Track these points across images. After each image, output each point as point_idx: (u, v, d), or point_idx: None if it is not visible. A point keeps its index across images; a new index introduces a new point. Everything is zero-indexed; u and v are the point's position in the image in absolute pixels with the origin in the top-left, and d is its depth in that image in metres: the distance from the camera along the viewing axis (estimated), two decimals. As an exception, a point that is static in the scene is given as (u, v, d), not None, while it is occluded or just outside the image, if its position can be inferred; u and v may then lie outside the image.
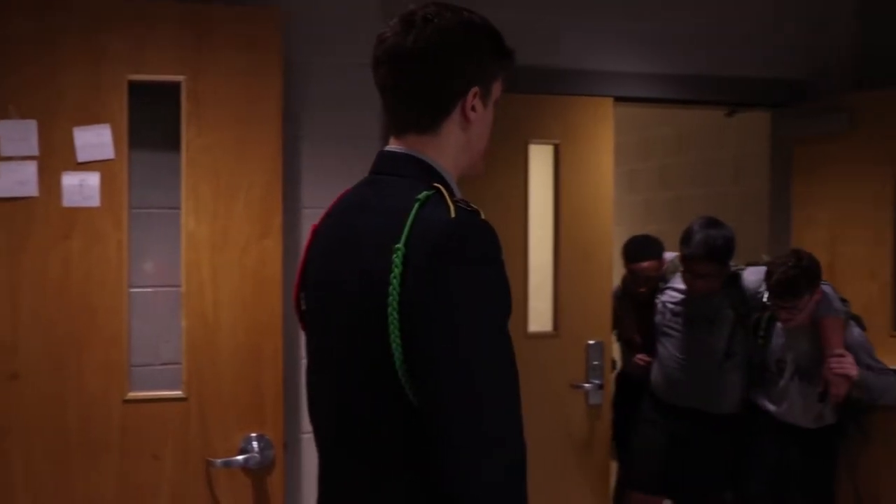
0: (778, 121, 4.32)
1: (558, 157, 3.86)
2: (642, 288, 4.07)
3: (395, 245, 1.37)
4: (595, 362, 3.86)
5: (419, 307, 1.34)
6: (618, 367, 4.44)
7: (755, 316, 3.64)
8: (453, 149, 1.54)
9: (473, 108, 1.52)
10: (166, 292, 2.79)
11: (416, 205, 1.40)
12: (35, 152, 2.50)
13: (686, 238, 3.61)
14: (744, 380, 3.71)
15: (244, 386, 2.64)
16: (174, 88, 2.61)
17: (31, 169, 2.50)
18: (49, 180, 2.51)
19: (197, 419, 2.61)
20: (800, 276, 3.31)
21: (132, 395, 2.58)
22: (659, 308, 3.92)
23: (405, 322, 1.35)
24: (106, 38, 2.55)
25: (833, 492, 3.61)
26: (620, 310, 4.19)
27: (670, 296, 3.88)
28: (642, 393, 4.03)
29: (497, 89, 1.57)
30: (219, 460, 2.59)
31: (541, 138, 3.84)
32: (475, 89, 1.51)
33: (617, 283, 4.24)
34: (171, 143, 2.63)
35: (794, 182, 4.18)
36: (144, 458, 2.58)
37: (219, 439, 2.62)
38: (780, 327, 3.54)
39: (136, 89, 2.58)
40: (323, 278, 1.57)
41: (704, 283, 3.63)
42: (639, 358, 4.10)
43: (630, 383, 4.26)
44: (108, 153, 2.54)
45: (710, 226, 3.61)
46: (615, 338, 4.33)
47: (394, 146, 1.56)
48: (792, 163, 4.21)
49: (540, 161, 3.92)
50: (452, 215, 1.38)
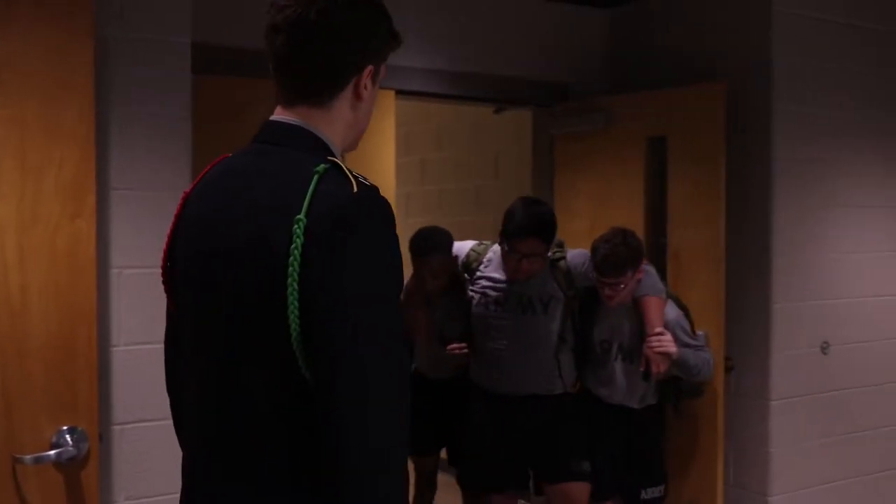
0: (540, 119, 4.65)
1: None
2: (437, 281, 3.73)
3: (297, 216, 1.36)
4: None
5: (321, 279, 1.34)
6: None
7: (580, 298, 3.60)
8: (342, 125, 1.55)
9: (365, 87, 1.54)
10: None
11: (316, 177, 1.39)
12: None
13: (509, 217, 3.48)
14: (574, 361, 3.67)
15: (56, 376, 2.47)
16: (-26, 55, 2.40)
17: None
18: None
19: (2, 414, 2.42)
20: (624, 253, 3.35)
21: (-74, 390, 2.35)
22: (478, 300, 3.67)
23: (304, 293, 1.34)
24: None
25: (664, 469, 3.72)
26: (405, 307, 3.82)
27: (487, 284, 3.67)
28: (442, 392, 3.91)
29: (383, 71, 1.59)
30: (28, 456, 2.41)
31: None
32: (370, 68, 1.53)
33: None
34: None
35: (557, 176, 4.52)
36: (-59, 459, 2.36)
37: (28, 434, 2.44)
38: (603, 309, 3.56)
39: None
40: (206, 247, 1.50)
41: (529, 264, 3.47)
42: (454, 347, 3.76)
43: (429, 384, 3.97)
44: None
45: (532, 203, 3.57)
46: None
47: (283, 117, 1.53)
48: (553, 158, 4.55)
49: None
50: (355, 190, 1.39)
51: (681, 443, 3.89)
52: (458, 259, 3.78)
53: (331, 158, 1.45)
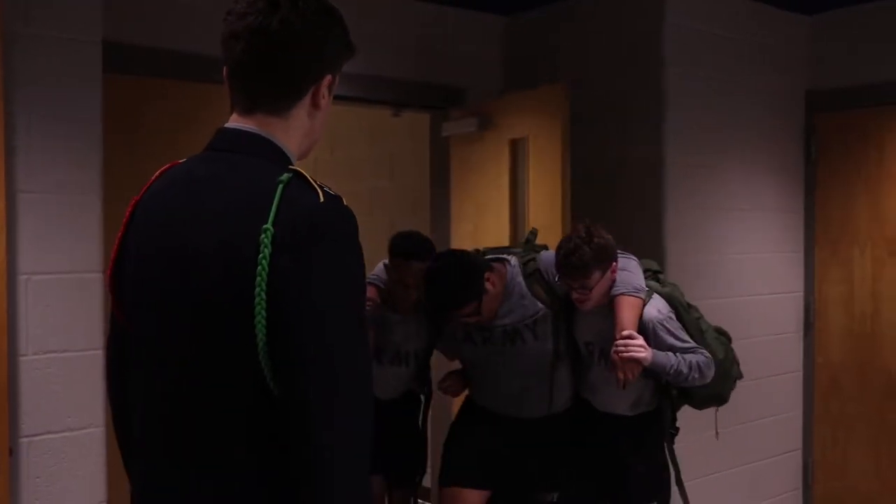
0: (437, 122, 4.70)
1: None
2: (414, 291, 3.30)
3: (264, 226, 1.35)
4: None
5: (289, 288, 1.34)
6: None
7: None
8: (299, 133, 1.54)
9: (323, 96, 1.54)
10: None
11: (280, 186, 1.39)
12: None
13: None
14: (573, 373, 3.30)
15: (-36, 388, 2.37)
16: None
17: None
18: None
19: None
20: (587, 255, 2.97)
21: None
22: (461, 338, 3.29)
23: (272, 303, 1.34)
24: None
25: (666, 488, 3.29)
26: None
27: (468, 323, 3.22)
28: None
29: (337, 81, 1.59)
30: (-67, 474, 2.30)
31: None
32: (328, 78, 1.54)
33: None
34: None
35: (452, 179, 4.57)
36: None
37: (-67, 450, 2.33)
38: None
39: None
40: (164, 255, 1.47)
41: (475, 319, 3.10)
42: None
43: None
44: None
45: (438, 273, 3.10)
46: None
47: (240, 124, 1.52)
48: (449, 161, 4.60)
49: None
50: (321, 199, 1.39)
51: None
52: None
53: (293, 167, 1.45)
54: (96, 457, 2.78)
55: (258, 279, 1.34)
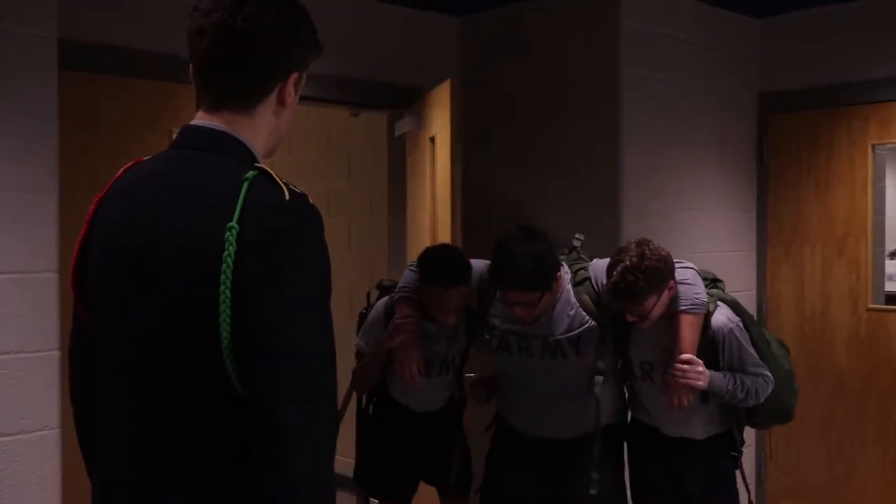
0: (393, 122, 4.70)
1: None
2: (454, 317, 3.09)
3: (229, 223, 1.35)
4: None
5: (254, 287, 1.34)
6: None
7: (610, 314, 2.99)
8: (265, 131, 1.54)
9: (290, 94, 1.54)
10: None
11: (246, 184, 1.39)
12: None
13: (494, 259, 2.94)
14: (613, 393, 3.11)
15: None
16: None
17: None
18: None
19: None
20: (639, 280, 2.73)
21: None
22: (497, 346, 3.10)
23: (237, 301, 1.34)
24: None
25: None
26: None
27: (506, 329, 3.06)
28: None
29: (304, 80, 1.58)
30: None
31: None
32: (295, 75, 1.54)
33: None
34: None
35: (408, 176, 4.58)
36: None
37: None
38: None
39: None
40: (129, 253, 1.46)
41: (524, 311, 2.90)
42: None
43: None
44: None
45: (521, 242, 2.89)
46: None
47: (205, 122, 1.51)
48: (405, 160, 4.61)
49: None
50: (287, 197, 1.39)
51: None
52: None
53: (258, 165, 1.45)
54: (52, 459, 2.74)
55: (223, 277, 1.33)
